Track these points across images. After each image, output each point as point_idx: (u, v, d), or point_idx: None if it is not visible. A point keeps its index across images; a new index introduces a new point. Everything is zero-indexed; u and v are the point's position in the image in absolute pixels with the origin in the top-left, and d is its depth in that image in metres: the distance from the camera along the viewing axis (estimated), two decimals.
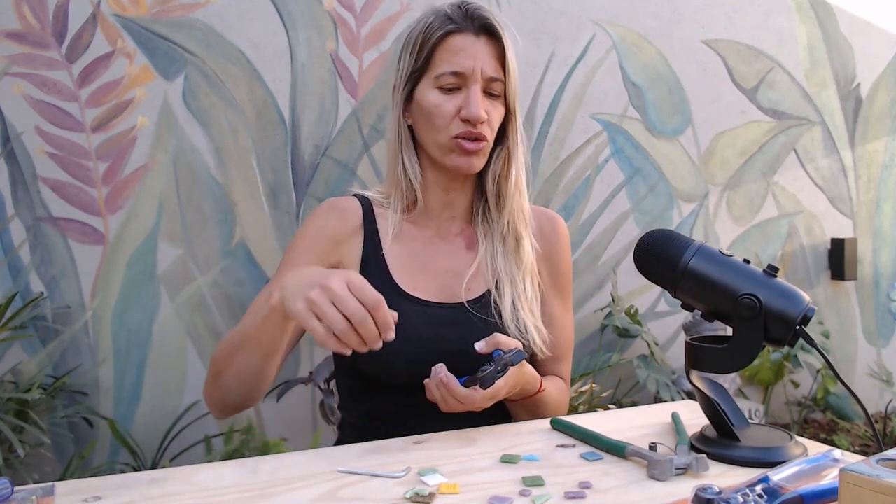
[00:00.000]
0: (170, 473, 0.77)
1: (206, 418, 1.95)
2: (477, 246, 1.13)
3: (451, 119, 1.04)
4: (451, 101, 1.04)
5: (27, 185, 1.83)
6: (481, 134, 1.04)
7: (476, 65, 1.03)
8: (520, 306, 1.08)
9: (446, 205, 1.13)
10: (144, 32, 1.90)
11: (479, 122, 1.03)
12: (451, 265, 1.11)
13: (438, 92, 1.05)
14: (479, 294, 1.09)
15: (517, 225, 1.10)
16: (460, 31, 1.05)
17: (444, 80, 1.04)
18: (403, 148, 1.10)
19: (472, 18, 1.05)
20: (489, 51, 1.05)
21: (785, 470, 0.64)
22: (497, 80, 1.05)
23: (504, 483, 0.73)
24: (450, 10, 1.07)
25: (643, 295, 2.44)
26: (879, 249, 2.84)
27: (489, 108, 1.05)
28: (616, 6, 2.38)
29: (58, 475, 1.83)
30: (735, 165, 2.58)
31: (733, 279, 0.80)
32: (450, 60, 1.04)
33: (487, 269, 1.10)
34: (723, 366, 0.82)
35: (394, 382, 1.04)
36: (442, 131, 1.05)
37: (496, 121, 1.07)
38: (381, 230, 1.11)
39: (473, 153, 1.05)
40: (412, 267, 1.10)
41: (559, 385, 1.15)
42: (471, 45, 1.04)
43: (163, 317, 1.93)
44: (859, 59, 2.76)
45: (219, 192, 1.97)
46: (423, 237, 1.12)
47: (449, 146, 1.05)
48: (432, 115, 1.05)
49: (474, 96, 1.03)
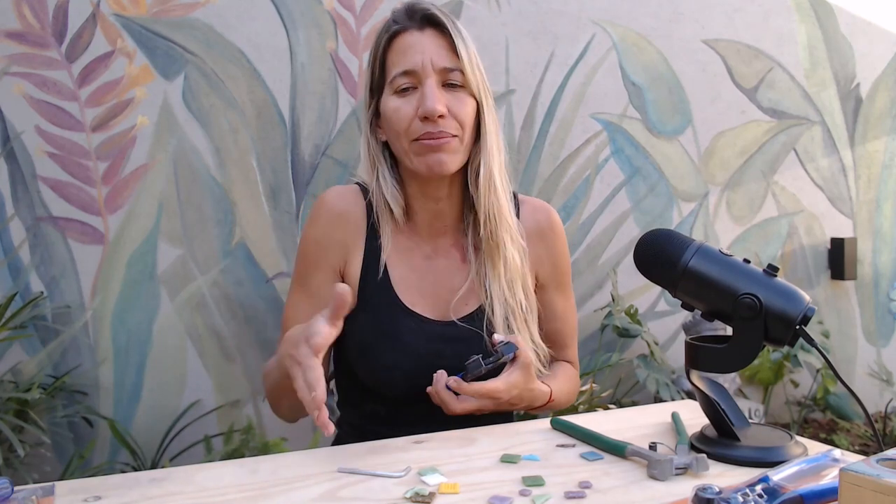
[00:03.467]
0: (170, 473, 0.77)
1: (205, 418, 1.95)
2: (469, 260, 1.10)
3: (410, 120, 1.00)
4: (408, 102, 1.00)
5: (27, 185, 1.83)
6: (442, 131, 0.99)
7: (425, 58, 0.99)
8: (513, 322, 1.05)
9: (436, 215, 1.09)
10: (144, 32, 1.90)
11: (436, 115, 0.97)
12: (445, 280, 1.09)
13: (396, 97, 1.02)
14: (472, 310, 1.07)
15: (498, 231, 1.04)
16: (404, 29, 1.02)
17: (397, 82, 1.01)
18: (378, 165, 1.07)
19: (412, 14, 1.02)
20: (438, 42, 1.00)
21: (785, 470, 0.64)
22: (454, 69, 1.00)
23: (504, 483, 0.73)
24: (394, 14, 1.05)
25: (643, 295, 2.44)
26: (879, 249, 2.83)
27: (451, 100, 1.00)
28: (616, 6, 2.38)
29: (58, 475, 1.83)
30: (735, 165, 2.58)
31: (733, 279, 0.80)
32: (399, 62, 1.01)
33: (479, 284, 1.07)
34: (723, 366, 0.82)
35: (390, 394, 1.04)
36: (403, 136, 1.01)
37: (464, 113, 1.01)
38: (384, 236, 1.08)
39: (439, 149, 0.99)
40: (411, 282, 1.07)
41: (568, 373, 1.14)
42: (416, 40, 1.01)
43: (163, 317, 1.92)
44: (859, 58, 2.76)
45: (219, 192, 1.97)
46: (420, 251, 1.10)
47: (413, 150, 1.01)
48: (392, 121, 1.01)
49: (429, 90, 0.98)
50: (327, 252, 1.07)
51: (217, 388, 1.97)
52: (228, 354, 1.98)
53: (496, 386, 0.93)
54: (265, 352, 2.01)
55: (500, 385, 0.94)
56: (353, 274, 1.07)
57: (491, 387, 0.93)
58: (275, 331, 2.01)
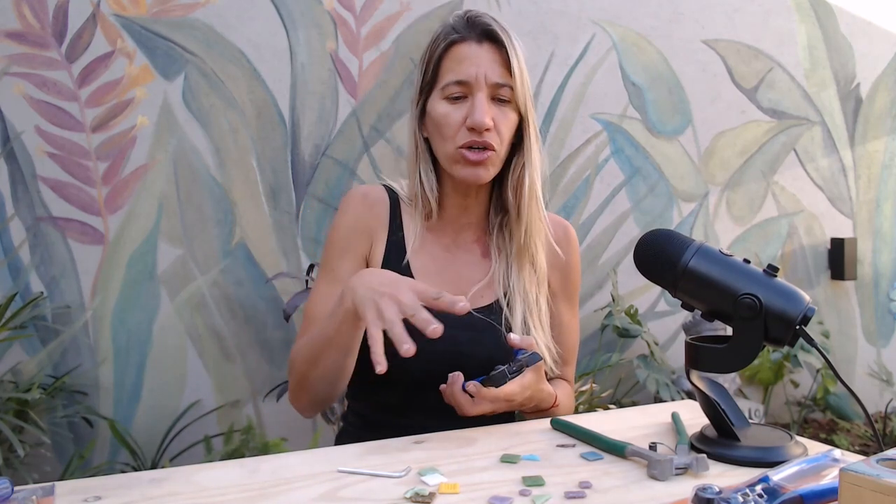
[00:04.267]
0: (170, 473, 0.77)
1: (205, 418, 1.95)
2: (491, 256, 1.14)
3: (457, 128, 1.04)
4: (457, 110, 1.05)
5: (27, 185, 1.83)
6: (487, 143, 1.04)
7: (479, 71, 1.03)
8: (531, 322, 1.09)
9: (463, 210, 1.14)
10: (144, 32, 1.90)
11: (484, 128, 1.03)
12: (465, 272, 1.13)
13: (446, 102, 1.06)
14: (488, 303, 1.10)
15: (534, 236, 1.11)
16: (463, 39, 1.05)
17: (449, 89, 1.05)
18: (420, 161, 1.12)
19: (474, 26, 1.06)
20: (493, 57, 1.05)
21: (785, 470, 0.64)
22: (504, 85, 1.05)
23: (504, 483, 0.73)
24: (453, 21, 1.08)
25: (643, 295, 2.44)
26: (879, 249, 2.83)
27: (497, 115, 1.05)
28: (616, 6, 2.38)
29: (58, 475, 1.83)
30: (735, 165, 2.58)
31: (733, 279, 0.80)
32: (454, 70, 1.05)
33: (499, 282, 1.11)
34: (723, 366, 0.82)
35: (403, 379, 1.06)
36: (449, 142, 1.06)
37: (506, 128, 1.06)
38: (407, 232, 1.13)
39: (479, 164, 1.05)
40: (429, 270, 1.12)
41: (566, 390, 1.17)
42: (474, 52, 1.04)
43: (163, 317, 1.92)
44: (859, 59, 2.76)
45: (219, 192, 1.97)
46: (441, 245, 1.14)
47: (454, 157, 1.06)
48: (440, 125, 1.06)
49: (479, 103, 1.03)
50: (356, 238, 1.12)
51: (217, 388, 1.97)
52: (228, 354, 1.98)
53: (512, 390, 0.95)
54: (265, 352, 2.01)
55: (516, 388, 0.96)
56: (374, 263, 1.12)
57: (508, 391, 0.95)
58: (275, 331, 2.01)
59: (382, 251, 1.12)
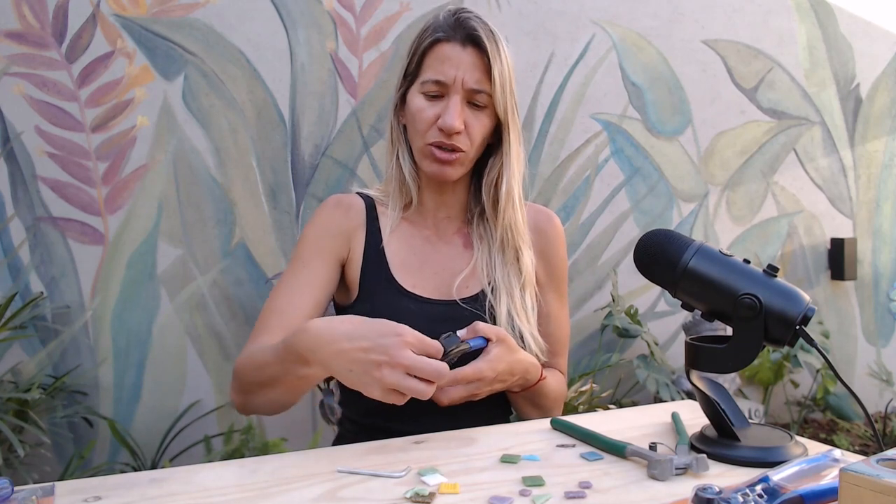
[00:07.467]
0: (170, 473, 0.77)
1: (205, 418, 1.95)
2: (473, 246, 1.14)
3: (429, 125, 1.05)
4: (432, 107, 1.06)
5: (27, 185, 1.83)
6: (454, 145, 1.04)
7: (458, 75, 1.04)
8: (515, 315, 1.09)
9: (441, 204, 1.15)
10: (144, 32, 1.90)
11: (453, 132, 1.03)
12: (447, 263, 1.13)
13: (423, 97, 1.07)
14: (473, 293, 1.11)
15: (514, 239, 1.11)
16: (448, 40, 1.05)
17: (427, 86, 1.06)
18: (398, 146, 1.12)
19: (460, 28, 1.05)
20: (474, 62, 1.04)
21: (785, 470, 0.64)
22: (481, 91, 1.05)
23: (504, 483, 0.73)
24: (443, 17, 1.08)
25: (643, 295, 2.44)
26: (879, 249, 2.84)
27: (470, 118, 1.05)
28: (616, 6, 2.38)
29: (58, 475, 1.83)
30: (735, 165, 2.58)
31: (733, 279, 0.80)
32: (434, 68, 1.05)
33: (483, 272, 1.11)
34: (723, 366, 0.82)
35: None
36: (419, 136, 1.07)
37: (478, 132, 1.06)
38: (382, 227, 1.13)
39: (446, 163, 1.06)
40: (410, 264, 1.12)
41: (558, 377, 1.17)
42: (456, 54, 1.04)
43: (163, 317, 1.92)
44: (859, 59, 2.76)
45: (219, 192, 1.97)
46: (422, 236, 1.15)
47: (424, 152, 1.07)
48: (414, 119, 1.07)
49: (452, 106, 1.03)
50: (330, 240, 1.11)
51: (217, 388, 1.97)
52: (228, 354, 1.97)
53: (478, 367, 0.93)
54: None
55: (482, 364, 0.93)
56: (353, 266, 1.11)
57: (472, 369, 0.92)
58: None
59: (362, 250, 1.12)
